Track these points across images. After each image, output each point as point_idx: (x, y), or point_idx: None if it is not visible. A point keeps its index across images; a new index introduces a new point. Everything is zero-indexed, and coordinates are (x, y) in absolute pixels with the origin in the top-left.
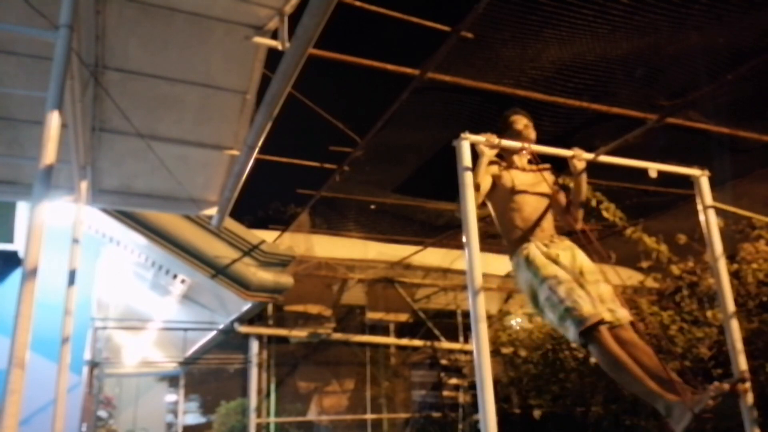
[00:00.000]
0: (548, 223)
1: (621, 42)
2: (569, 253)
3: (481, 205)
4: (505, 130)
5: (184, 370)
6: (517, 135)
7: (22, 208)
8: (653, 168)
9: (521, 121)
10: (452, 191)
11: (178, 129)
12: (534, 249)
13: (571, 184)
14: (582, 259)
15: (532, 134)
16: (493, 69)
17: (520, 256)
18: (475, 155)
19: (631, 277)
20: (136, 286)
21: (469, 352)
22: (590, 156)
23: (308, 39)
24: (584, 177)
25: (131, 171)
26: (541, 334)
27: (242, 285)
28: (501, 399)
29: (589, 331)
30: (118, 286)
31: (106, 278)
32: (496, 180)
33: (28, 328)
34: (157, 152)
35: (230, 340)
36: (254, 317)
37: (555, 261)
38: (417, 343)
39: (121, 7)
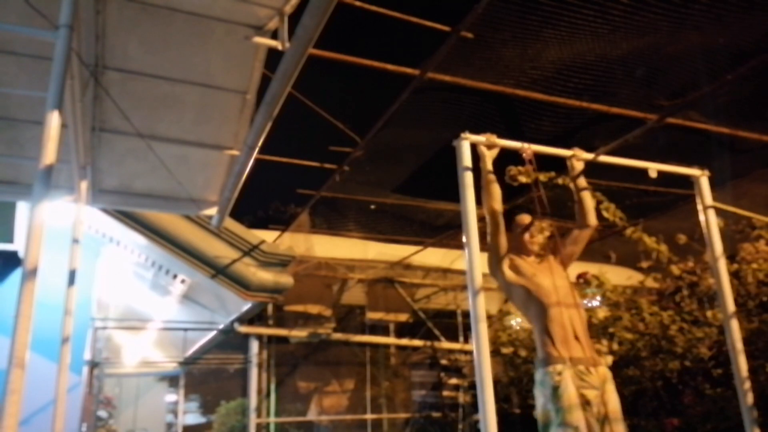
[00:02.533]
0: (585, 336)
1: (621, 42)
2: (600, 393)
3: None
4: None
5: (184, 370)
6: (525, 242)
7: (22, 208)
8: (653, 168)
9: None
10: (452, 191)
11: (178, 129)
12: (567, 381)
13: (570, 184)
14: (611, 398)
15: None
16: (493, 69)
17: (549, 378)
18: (476, 155)
19: (631, 277)
20: (136, 286)
21: (469, 352)
22: (590, 156)
23: (308, 39)
24: (582, 179)
25: (131, 171)
26: None
27: (242, 285)
28: (501, 399)
29: None
30: (118, 286)
31: (106, 278)
32: (517, 279)
33: (28, 328)
34: (157, 152)
35: (230, 340)
36: (254, 317)
37: (585, 404)
38: (417, 343)
39: (121, 7)
